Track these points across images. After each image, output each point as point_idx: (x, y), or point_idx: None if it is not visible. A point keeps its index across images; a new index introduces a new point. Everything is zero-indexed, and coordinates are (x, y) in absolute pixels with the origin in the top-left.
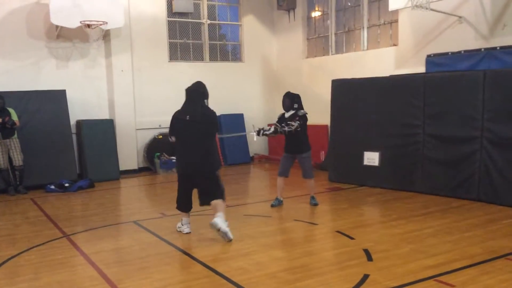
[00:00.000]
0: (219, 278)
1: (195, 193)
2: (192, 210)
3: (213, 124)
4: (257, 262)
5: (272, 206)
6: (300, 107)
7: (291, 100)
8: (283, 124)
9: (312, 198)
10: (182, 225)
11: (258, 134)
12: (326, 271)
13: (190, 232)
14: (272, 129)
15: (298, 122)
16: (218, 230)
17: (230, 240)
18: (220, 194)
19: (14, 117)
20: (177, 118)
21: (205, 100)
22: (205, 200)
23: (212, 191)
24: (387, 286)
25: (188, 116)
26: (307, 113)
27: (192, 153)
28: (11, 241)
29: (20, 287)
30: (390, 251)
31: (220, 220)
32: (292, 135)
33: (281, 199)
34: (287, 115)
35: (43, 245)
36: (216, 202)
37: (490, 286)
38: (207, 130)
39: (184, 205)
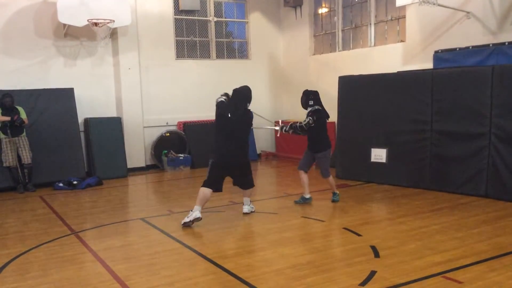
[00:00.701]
0: (226, 275)
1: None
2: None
3: (250, 124)
4: (264, 259)
5: (296, 203)
6: (316, 103)
7: (307, 97)
8: (297, 122)
9: (334, 194)
10: (193, 211)
11: (281, 130)
12: (333, 267)
13: (200, 217)
14: (289, 125)
15: (310, 117)
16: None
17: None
18: (253, 183)
19: (23, 115)
20: (221, 114)
21: (248, 103)
22: (244, 186)
23: (249, 180)
24: (395, 282)
25: (229, 114)
26: (319, 108)
27: (232, 145)
28: (20, 238)
29: (29, 284)
30: (398, 247)
31: (247, 208)
32: (309, 133)
33: (307, 196)
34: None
35: (51, 242)
36: (251, 190)
37: (498, 282)
38: (245, 128)
39: (216, 185)
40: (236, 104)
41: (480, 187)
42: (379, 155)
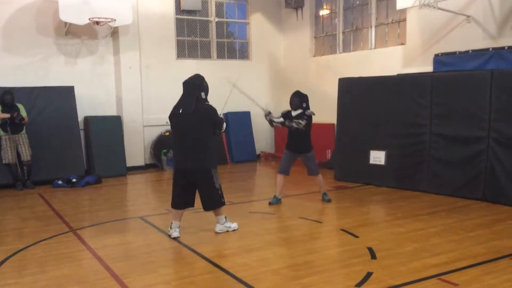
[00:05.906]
0: (223, 274)
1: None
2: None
3: (209, 119)
4: (261, 259)
5: (270, 204)
6: (308, 107)
7: (301, 100)
8: (294, 120)
9: (324, 194)
10: (171, 228)
11: (267, 115)
12: (330, 268)
13: (178, 236)
14: (281, 119)
15: (306, 121)
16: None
17: (235, 229)
18: (218, 202)
19: (23, 112)
20: (172, 112)
21: (202, 93)
22: (204, 205)
23: (209, 198)
24: (391, 284)
25: (181, 109)
26: (314, 114)
27: (184, 147)
28: (18, 235)
29: (26, 280)
30: (394, 249)
31: (219, 227)
32: (297, 134)
33: (280, 197)
34: (294, 113)
35: (50, 239)
36: (215, 212)
37: (493, 285)
38: (202, 124)
39: (175, 201)
40: (188, 97)
41: (477, 191)
42: (378, 157)
